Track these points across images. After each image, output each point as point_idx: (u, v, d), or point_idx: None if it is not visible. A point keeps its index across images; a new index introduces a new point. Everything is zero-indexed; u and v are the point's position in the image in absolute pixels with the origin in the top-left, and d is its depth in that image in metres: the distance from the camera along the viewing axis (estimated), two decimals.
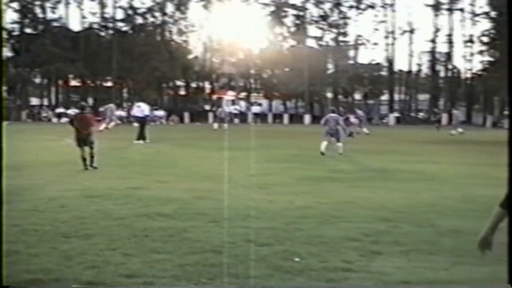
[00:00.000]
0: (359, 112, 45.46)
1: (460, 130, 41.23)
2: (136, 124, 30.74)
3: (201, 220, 8.72)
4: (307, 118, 63.89)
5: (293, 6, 69.60)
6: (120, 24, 70.59)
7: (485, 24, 67.93)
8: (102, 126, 34.93)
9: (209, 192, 11.52)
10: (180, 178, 14.25)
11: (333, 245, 7.27)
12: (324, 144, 22.00)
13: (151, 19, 70.35)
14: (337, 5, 69.28)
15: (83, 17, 70.34)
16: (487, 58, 67.43)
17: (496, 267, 6.41)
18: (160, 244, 7.21)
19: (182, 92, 72.67)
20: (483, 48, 67.52)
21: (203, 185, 12.85)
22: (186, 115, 66.06)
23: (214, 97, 73.91)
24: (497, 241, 7.70)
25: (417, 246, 7.30)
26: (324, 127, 22.86)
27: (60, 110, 63.95)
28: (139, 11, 69.67)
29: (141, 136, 26.96)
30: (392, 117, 66.05)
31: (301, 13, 69.75)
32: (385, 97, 73.55)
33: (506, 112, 60.30)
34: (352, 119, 39.97)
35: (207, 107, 72.33)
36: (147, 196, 11.01)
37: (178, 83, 71.73)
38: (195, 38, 71.79)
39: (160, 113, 61.63)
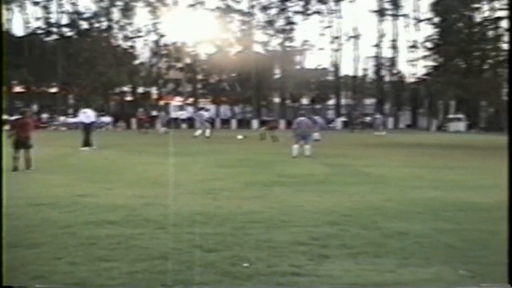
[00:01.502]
0: (316, 118, 46.05)
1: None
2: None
3: (149, 227, 8.63)
4: (254, 123, 64.01)
5: (240, 12, 69.76)
6: (64, 29, 69.61)
7: (428, 30, 69.17)
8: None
9: (156, 198, 11.43)
10: (127, 184, 14.09)
11: (282, 249, 7.29)
12: (296, 148, 22.60)
13: (96, 24, 69.55)
14: (283, 10, 69.70)
15: (27, 22, 69.14)
16: (430, 63, 68.71)
17: (441, 268, 6.54)
18: (107, 252, 7.11)
19: (129, 97, 72.03)
20: (427, 53, 68.79)
21: (151, 191, 12.74)
22: (133, 121, 65.49)
23: (162, 102, 73.48)
24: (442, 242, 7.88)
25: (364, 248, 7.38)
26: (295, 130, 23.29)
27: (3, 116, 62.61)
28: (84, 16, 68.83)
29: (88, 142, 26.59)
30: (339, 122, 66.70)
31: (248, 19, 69.95)
32: (332, 102, 74.28)
33: (450, 116, 61.63)
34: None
35: (155, 113, 71.86)
36: (94, 203, 10.85)
37: (125, 88, 71.07)
38: (142, 43, 71.32)
39: (107, 119, 60.96)
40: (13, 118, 21.47)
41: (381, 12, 69.69)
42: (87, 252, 7.11)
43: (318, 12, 70.47)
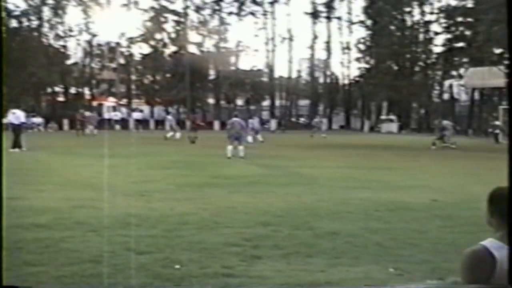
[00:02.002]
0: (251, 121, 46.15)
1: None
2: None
3: (80, 230, 8.49)
4: (189, 124, 63.81)
5: (173, 12, 69.33)
6: None
7: (361, 32, 70.30)
8: None
9: (88, 201, 11.26)
10: (58, 186, 13.83)
11: (214, 251, 7.28)
12: (230, 149, 22.78)
13: (26, 23, 68.02)
14: (217, 11, 69.66)
15: None
16: (363, 65, 69.87)
17: (371, 266, 6.65)
18: (35, 256, 6.95)
19: (61, 98, 70.70)
20: (360, 55, 69.91)
21: (82, 193, 12.54)
22: (66, 122, 64.31)
23: (95, 103, 72.39)
24: (372, 242, 8.01)
25: (296, 249, 7.44)
26: (229, 131, 23.61)
27: None
28: (13, 14, 67.21)
29: (17, 144, 25.95)
30: (273, 123, 67.05)
31: (182, 19, 69.60)
32: (266, 103, 74.60)
33: (382, 117, 62.75)
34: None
35: (87, 114, 70.69)
36: (23, 206, 10.59)
37: (57, 89, 69.73)
38: (74, 43, 70.13)
39: (38, 120, 59.70)
40: None
41: (314, 14, 70.37)
42: (13, 257, 6.92)
43: (252, 14, 70.69)
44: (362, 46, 69.24)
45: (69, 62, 69.96)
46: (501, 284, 2.85)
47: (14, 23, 67.62)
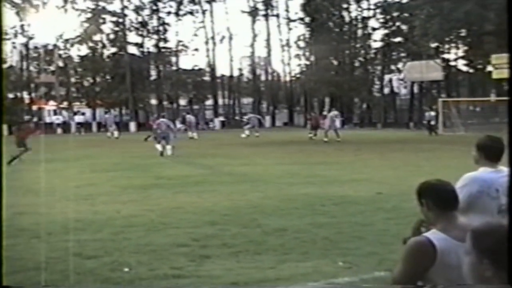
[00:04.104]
0: (188, 116, 45.81)
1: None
2: None
3: (23, 237, 8.30)
4: (132, 126, 63.12)
5: (111, 13, 68.52)
6: None
7: (300, 29, 70.82)
8: None
9: (30, 207, 11.01)
10: None
11: (162, 252, 7.23)
12: (159, 146, 23.89)
13: None
14: (156, 11, 69.14)
15: None
16: (303, 61, 70.35)
17: (319, 261, 6.69)
18: None
19: None
20: (299, 52, 70.38)
21: (23, 199, 12.24)
22: (5, 127, 62.92)
23: (35, 107, 71.03)
24: (320, 236, 8.06)
25: (245, 247, 7.44)
26: (155, 131, 24.83)
27: None
28: None
29: None
30: (217, 122, 66.95)
31: (120, 20, 68.85)
32: (209, 102, 74.45)
33: (324, 113, 63.31)
34: (178, 124, 40.42)
35: (27, 118, 69.29)
36: None
37: None
38: (10, 46, 68.61)
39: None
40: None
41: (253, 13, 70.51)
42: None
43: (191, 13, 70.34)
44: (301, 43, 69.70)
45: (4, 66, 68.47)
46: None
47: None
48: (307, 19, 68.33)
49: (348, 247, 7.37)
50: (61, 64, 67.99)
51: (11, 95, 69.19)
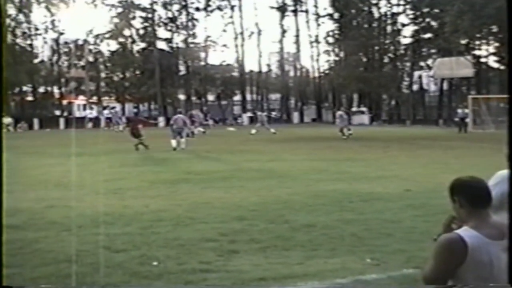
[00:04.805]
0: (194, 112, 45.71)
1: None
2: None
3: (53, 230, 8.41)
4: (161, 120, 63.52)
5: (141, 8, 68.88)
6: None
7: (329, 25, 70.45)
8: None
9: (60, 200, 11.14)
10: (29, 187, 13.67)
11: (190, 246, 7.26)
12: (174, 141, 24.74)
13: None
14: (184, 7, 69.35)
15: None
16: (332, 57, 70.10)
17: (347, 258, 6.68)
18: (8, 258, 6.81)
19: (29, 97, 69.86)
20: (328, 48, 70.12)
21: (54, 193, 12.41)
22: (36, 121, 63.60)
23: (64, 102, 71.70)
24: (347, 233, 8.04)
25: (272, 242, 7.44)
26: (172, 126, 25.79)
27: None
28: None
29: None
30: (245, 117, 67.01)
31: (149, 15, 69.18)
32: (238, 98, 74.52)
33: (353, 109, 63.01)
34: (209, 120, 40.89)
35: (58, 113, 70.01)
36: None
37: (25, 88, 68.91)
38: (41, 41, 69.30)
39: (7, 120, 58.98)
40: None
41: (281, 8, 70.40)
42: None
43: (219, 8, 70.48)
44: (330, 39, 69.43)
45: (36, 60, 69.17)
46: (499, 283, 2.92)
47: None
48: (336, 15, 68.05)
49: (376, 243, 7.35)
50: (91, 59, 68.55)
51: (41, 90, 69.94)
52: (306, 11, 71.03)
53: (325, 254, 6.84)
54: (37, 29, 67.44)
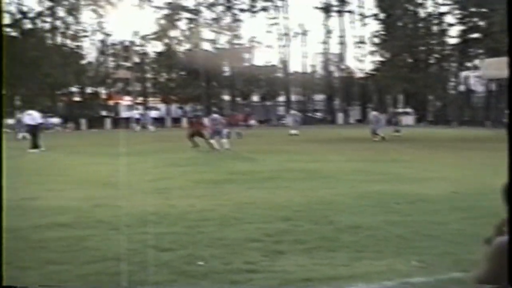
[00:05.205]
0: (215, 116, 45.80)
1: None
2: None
3: (101, 228, 8.53)
4: (206, 121, 63.97)
5: (186, 9, 69.43)
6: (8, 29, 68.18)
7: (374, 26, 70.06)
8: None
9: (107, 199, 11.31)
10: (77, 186, 13.90)
11: (236, 246, 7.29)
12: (214, 142, 25.12)
13: (41, 24, 68.35)
14: (229, 8, 69.69)
15: None
16: (378, 58, 69.66)
17: (393, 260, 6.63)
18: (58, 254, 7.00)
19: (77, 98, 71.00)
20: (374, 48, 69.68)
21: (101, 192, 12.59)
22: (83, 122, 64.60)
23: (111, 102, 72.67)
24: (394, 234, 7.98)
25: (317, 243, 7.42)
26: (210, 127, 26.48)
27: None
28: (28, 15, 67.56)
29: (36, 144, 26.11)
30: (289, 118, 67.02)
31: (195, 16, 69.68)
32: (282, 98, 74.56)
33: (399, 110, 62.43)
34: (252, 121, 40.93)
35: (104, 113, 71.01)
36: (43, 206, 10.67)
37: (73, 89, 70.05)
38: (88, 43, 70.37)
39: (55, 120, 60.07)
40: None
41: (326, 9, 70.23)
42: (37, 255, 6.98)
43: (264, 9, 70.68)
44: (376, 40, 69.00)
45: (83, 61, 70.26)
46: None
47: (28, 25, 67.98)
48: (381, 15, 67.60)
49: (422, 246, 7.27)
50: (137, 60, 69.36)
51: (89, 90, 71.00)
52: (351, 12, 70.76)
53: (371, 255, 6.79)
54: (85, 30, 68.53)
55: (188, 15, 69.91)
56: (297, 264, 6.48)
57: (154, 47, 70.78)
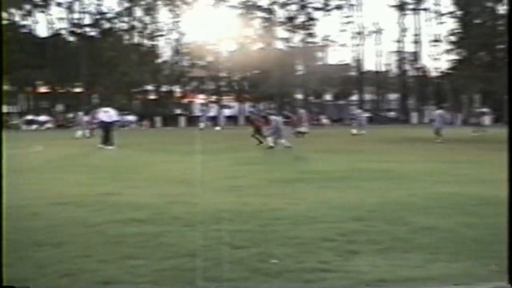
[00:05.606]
0: (301, 111, 45.72)
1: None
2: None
3: (176, 225, 8.67)
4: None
5: (260, 8, 69.73)
6: (87, 29, 70.03)
7: (451, 24, 68.70)
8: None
9: (182, 196, 11.49)
10: (152, 183, 14.18)
11: (309, 245, 7.29)
12: (271, 140, 25.90)
13: (118, 24, 69.89)
14: (303, 7, 69.61)
15: (50, 23, 69.69)
16: (454, 57, 68.28)
17: (470, 263, 6.50)
18: (135, 250, 7.16)
19: (152, 96, 72.32)
20: (450, 47, 68.33)
21: (176, 189, 12.81)
22: (158, 120, 65.76)
23: (185, 100, 73.69)
24: (470, 237, 7.82)
25: (391, 244, 7.35)
26: (271, 127, 26.83)
27: (29, 117, 63.32)
28: (107, 16, 69.22)
29: (109, 141, 26.70)
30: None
31: (268, 15, 69.91)
32: (355, 97, 74.03)
33: (476, 110, 61.10)
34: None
35: (178, 111, 72.10)
36: (120, 202, 10.92)
37: (148, 87, 71.39)
38: (164, 42, 71.56)
39: (131, 118, 61.40)
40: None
41: (401, 7, 69.30)
42: (115, 250, 7.15)
43: (338, 8, 70.29)
44: (452, 38, 67.64)
45: (159, 60, 71.50)
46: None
47: (107, 25, 69.65)
48: (458, 13, 66.23)
49: (501, 250, 7.09)
50: (211, 59, 70.09)
51: (164, 89, 72.22)
52: (427, 9, 69.61)
53: (446, 258, 6.68)
54: (161, 30, 69.71)
55: (262, 14, 70.20)
56: (371, 264, 6.44)
57: (228, 46, 71.40)
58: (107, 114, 28.32)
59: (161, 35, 70.28)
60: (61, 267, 6.43)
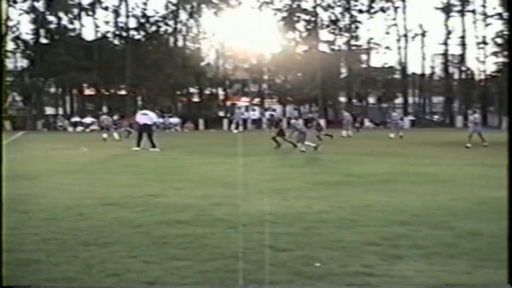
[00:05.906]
0: (346, 114, 45.47)
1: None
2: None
3: (219, 226, 8.72)
4: (322, 123, 63.90)
5: (305, 11, 69.63)
6: (133, 32, 70.83)
7: (498, 25, 67.61)
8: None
9: (225, 198, 11.53)
10: (195, 184, 14.26)
11: (352, 249, 7.26)
12: (299, 143, 25.93)
13: (163, 27, 70.54)
14: (347, 9, 69.31)
15: (97, 26, 70.71)
16: (501, 59, 67.15)
17: None
18: (179, 251, 7.21)
19: (196, 99, 72.78)
20: (497, 49, 67.23)
21: (219, 191, 12.87)
22: (201, 122, 66.13)
23: (228, 103, 73.99)
24: None
25: (436, 249, 7.27)
26: (292, 131, 27.42)
27: (75, 119, 64.34)
28: (152, 19, 69.92)
29: (151, 144, 26.73)
30: (407, 120, 65.91)
31: (313, 18, 69.77)
32: (399, 100, 73.38)
33: None
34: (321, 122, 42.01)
35: (221, 114, 72.46)
36: (164, 203, 11.01)
37: (192, 90, 71.86)
38: (208, 45, 71.96)
39: (175, 120, 61.92)
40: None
41: (447, 9, 68.46)
42: (159, 251, 7.22)
43: (382, 10, 69.80)
44: (499, 40, 66.53)
45: (203, 63, 71.91)
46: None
47: (152, 28, 70.36)
48: (505, 15, 65.10)
49: None
50: (254, 61, 70.22)
51: (207, 91, 72.63)
52: (473, 11, 68.65)
53: (493, 264, 6.58)
54: (204, 32, 70.15)
55: (307, 17, 70.11)
56: (416, 269, 6.38)
57: (271, 48, 71.47)
58: (148, 116, 28.28)
59: (205, 38, 70.69)
60: (107, 267, 6.52)
